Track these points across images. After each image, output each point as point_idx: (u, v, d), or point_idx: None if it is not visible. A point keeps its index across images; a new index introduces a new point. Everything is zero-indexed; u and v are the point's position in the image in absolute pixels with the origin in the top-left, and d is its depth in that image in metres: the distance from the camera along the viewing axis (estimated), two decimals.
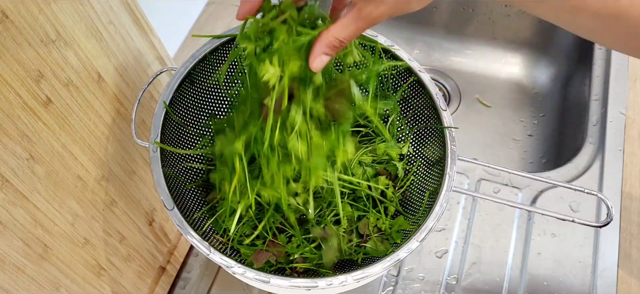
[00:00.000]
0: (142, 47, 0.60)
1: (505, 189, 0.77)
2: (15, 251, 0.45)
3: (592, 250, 0.71)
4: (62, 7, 0.47)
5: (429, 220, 0.51)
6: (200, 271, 0.73)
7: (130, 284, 0.63)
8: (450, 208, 0.76)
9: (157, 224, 0.67)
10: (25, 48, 0.43)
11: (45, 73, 0.46)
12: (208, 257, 0.49)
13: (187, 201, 0.57)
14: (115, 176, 0.58)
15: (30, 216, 0.46)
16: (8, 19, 0.41)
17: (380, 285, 0.70)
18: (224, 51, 0.61)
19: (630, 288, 0.69)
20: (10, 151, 0.43)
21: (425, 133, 0.61)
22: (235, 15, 0.46)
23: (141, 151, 0.63)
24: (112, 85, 0.55)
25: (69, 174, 0.50)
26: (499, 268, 0.71)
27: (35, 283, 0.48)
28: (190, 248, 0.75)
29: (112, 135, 0.56)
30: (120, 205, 0.59)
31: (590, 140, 0.81)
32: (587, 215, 0.74)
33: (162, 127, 0.55)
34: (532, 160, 0.95)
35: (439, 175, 0.55)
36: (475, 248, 0.72)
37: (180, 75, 0.58)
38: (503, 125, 0.99)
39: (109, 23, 0.53)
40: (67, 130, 0.50)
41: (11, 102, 0.43)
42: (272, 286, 0.49)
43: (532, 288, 0.69)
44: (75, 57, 0.49)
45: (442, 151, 0.56)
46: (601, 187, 0.76)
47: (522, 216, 0.75)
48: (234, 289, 0.72)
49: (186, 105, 0.60)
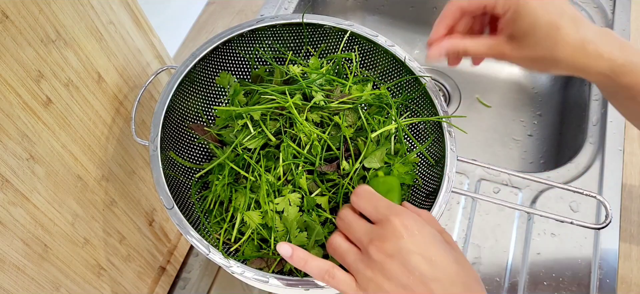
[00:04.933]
0: (142, 47, 0.60)
1: (505, 189, 0.77)
2: (15, 251, 0.45)
3: (592, 250, 0.71)
4: (62, 7, 0.47)
5: None
6: (200, 271, 0.73)
7: (130, 284, 0.63)
8: (450, 208, 0.76)
9: (157, 224, 0.67)
10: (25, 48, 0.43)
11: (45, 73, 0.46)
12: (208, 257, 0.49)
13: (187, 201, 0.57)
14: (115, 176, 0.58)
15: (30, 216, 0.46)
16: (8, 19, 0.41)
17: None
18: (224, 50, 0.61)
19: (630, 288, 0.69)
20: (10, 151, 0.43)
21: (425, 133, 0.61)
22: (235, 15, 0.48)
23: (141, 151, 0.63)
24: (112, 84, 0.55)
25: (69, 174, 0.51)
26: (499, 268, 0.71)
27: (35, 283, 0.48)
28: (190, 248, 0.75)
29: (112, 135, 0.56)
30: (120, 205, 0.59)
31: (591, 140, 0.81)
32: (587, 215, 0.74)
33: (162, 126, 0.55)
34: (532, 160, 0.95)
35: (439, 176, 0.55)
36: (475, 248, 0.72)
37: (181, 74, 0.58)
38: (503, 125, 0.99)
39: (108, 23, 0.53)
40: (67, 130, 0.50)
41: (11, 102, 0.43)
42: (271, 286, 0.49)
43: (532, 288, 0.69)
44: (75, 57, 0.49)
45: (442, 152, 0.56)
46: (601, 187, 0.76)
47: (522, 216, 0.75)
48: (234, 289, 0.72)
49: (186, 104, 0.60)
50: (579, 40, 0.46)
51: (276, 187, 0.55)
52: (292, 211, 0.53)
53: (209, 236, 0.54)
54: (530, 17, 0.46)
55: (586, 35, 0.46)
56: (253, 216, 0.54)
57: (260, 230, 0.54)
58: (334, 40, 0.63)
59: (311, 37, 0.63)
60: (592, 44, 0.46)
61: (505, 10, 0.47)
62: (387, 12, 1.12)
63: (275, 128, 0.56)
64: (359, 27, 0.61)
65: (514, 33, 0.48)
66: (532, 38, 0.47)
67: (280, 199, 0.54)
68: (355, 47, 0.63)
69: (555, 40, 0.46)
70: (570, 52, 0.46)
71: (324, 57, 0.64)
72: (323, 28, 0.62)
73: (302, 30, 0.62)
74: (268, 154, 0.56)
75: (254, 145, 0.55)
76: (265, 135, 0.55)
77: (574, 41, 0.46)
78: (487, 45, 0.50)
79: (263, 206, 0.54)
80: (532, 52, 0.48)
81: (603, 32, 0.47)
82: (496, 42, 0.50)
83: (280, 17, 0.62)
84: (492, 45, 0.50)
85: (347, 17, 1.12)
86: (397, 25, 1.12)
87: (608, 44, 0.47)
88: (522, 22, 0.47)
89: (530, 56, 0.48)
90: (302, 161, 0.55)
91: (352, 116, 0.57)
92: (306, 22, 0.61)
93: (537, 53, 0.48)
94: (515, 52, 0.49)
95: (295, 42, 0.64)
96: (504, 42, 0.49)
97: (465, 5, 0.50)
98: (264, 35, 0.62)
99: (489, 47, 0.50)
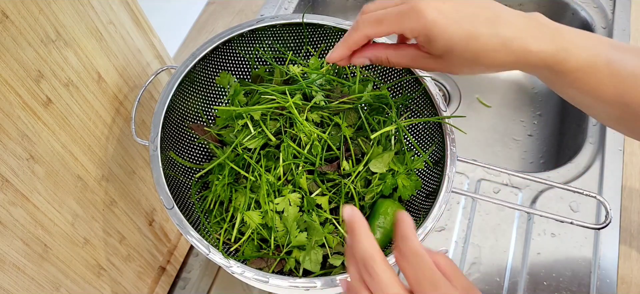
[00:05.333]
0: (142, 47, 0.60)
1: (505, 189, 0.77)
2: (15, 251, 0.45)
3: (592, 250, 0.71)
4: (62, 7, 0.47)
5: (428, 221, 0.51)
6: (200, 271, 0.73)
7: (130, 284, 0.63)
8: (450, 208, 0.76)
9: (157, 224, 0.67)
10: (25, 48, 0.43)
11: (45, 73, 0.46)
12: (208, 257, 0.49)
13: (187, 201, 0.57)
14: (115, 176, 0.58)
15: (30, 216, 0.46)
16: (8, 19, 0.41)
17: None
18: (224, 50, 0.61)
19: (630, 288, 0.69)
20: (10, 152, 0.43)
21: (425, 133, 0.61)
22: (235, 15, 0.47)
23: (141, 151, 0.63)
24: (112, 84, 0.55)
25: (69, 174, 0.51)
26: (499, 268, 0.71)
27: (35, 283, 0.48)
28: (190, 248, 0.75)
29: (112, 135, 0.56)
30: (120, 205, 0.59)
31: (590, 140, 0.81)
32: (587, 215, 0.74)
33: (162, 126, 0.55)
34: (532, 160, 0.95)
35: (439, 176, 0.55)
36: (475, 248, 0.72)
37: (181, 74, 0.58)
38: (503, 125, 0.99)
39: (108, 23, 0.53)
40: (67, 130, 0.50)
41: (11, 102, 0.43)
42: (271, 286, 0.49)
43: (532, 288, 0.69)
44: (75, 57, 0.49)
45: (442, 152, 0.56)
46: (601, 187, 0.76)
47: (522, 216, 0.75)
48: (234, 289, 0.72)
49: (186, 104, 0.60)
50: (500, 42, 0.43)
51: (276, 187, 0.55)
52: (292, 211, 0.53)
53: (209, 236, 0.54)
54: (443, 38, 0.43)
55: (506, 34, 0.43)
56: (253, 216, 0.54)
57: (260, 230, 0.54)
58: (334, 40, 0.63)
59: (311, 37, 0.63)
60: (516, 41, 0.43)
61: (415, 36, 0.44)
62: None
63: (275, 128, 0.56)
64: None
65: (432, 52, 0.45)
66: (451, 54, 0.44)
67: (281, 199, 0.54)
68: None
69: (476, 49, 0.43)
70: (494, 56, 0.43)
71: (324, 57, 0.64)
72: (323, 28, 0.62)
73: (302, 30, 0.62)
74: (268, 154, 0.56)
75: (254, 145, 0.55)
76: (265, 135, 0.55)
77: (496, 44, 0.43)
78: (410, 56, 0.47)
79: (263, 206, 0.54)
80: (456, 65, 0.45)
81: (529, 23, 0.44)
82: (420, 54, 0.47)
83: (280, 17, 0.62)
84: (415, 56, 0.47)
85: (347, 17, 1.12)
86: None
87: (535, 35, 0.43)
88: (437, 44, 0.43)
89: (456, 68, 0.46)
90: (303, 161, 0.55)
91: (352, 116, 0.57)
92: (306, 22, 0.61)
93: (462, 65, 0.45)
94: (439, 66, 0.46)
95: (295, 42, 0.64)
96: (426, 56, 0.46)
97: (371, 34, 0.46)
98: (264, 35, 0.62)
99: (412, 58, 0.47)
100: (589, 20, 0.96)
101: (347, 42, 0.47)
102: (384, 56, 0.48)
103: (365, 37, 0.47)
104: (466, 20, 0.43)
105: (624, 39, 0.92)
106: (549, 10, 1.01)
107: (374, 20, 0.45)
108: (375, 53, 0.49)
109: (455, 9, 0.43)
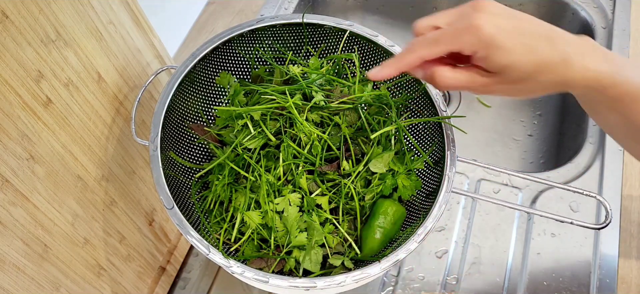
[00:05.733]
0: (142, 47, 0.60)
1: (505, 189, 0.77)
2: (15, 251, 0.45)
3: (592, 250, 0.71)
4: (62, 7, 0.47)
5: (428, 221, 0.51)
6: (200, 271, 0.73)
7: (130, 284, 0.63)
8: (450, 208, 0.76)
9: (157, 224, 0.67)
10: (25, 48, 0.43)
11: (45, 73, 0.46)
12: (208, 257, 0.49)
13: (187, 201, 0.57)
14: (115, 176, 0.58)
15: (30, 216, 0.46)
16: (8, 19, 0.41)
17: (381, 285, 0.70)
18: (224, 50, 0.61)
19: (630, 288, 0.69)
20: (10, 152, 0.43)
21: (425, 133, 0.61)
22: (235, 15, 0.47)
23: (141, 151, 0.63)
24: (112, 84, 0.55)
25: (69, 174, 0.51)
26: (499, 268, 0.71)
27: (35, 283, 0.48)
28: (190, 248, 0.75)
29: (112, 135, 0.56)
30: (120, 205, 0.59)
31: (590, 140, 0.81)
32: (587, 215, 0.74)
33: (162, 126, 0.55)
34: (532, 160, 0.95)
35: (439, 176, 0.55)
36: (475, 248, 0.72)
37: (181, 74, 0.58)
38: (503, 125, 0.99)
39: (108, 23, 0.53)
40: (67, 130, 0.50)
41: (11, 102, 0.43)
42: (271, 286, 0.49)
43: (532, 288, 0.69)
44: (75, 57, 0.49)
45: (442, 152, 0.56)
46: (601, 187, 0.76)
47: (522, 216, 0.75)
48: (234, 289, 0.72)
49: (186, 104, 0.60)
50: (560, 57, 0.43)
51: (276, 187, 0.55)
52: (292, 211, 0.53)
53: (209, 236, 0.54)
54: (503, 51, 0.42)
55: (566, 50, 0.43)
56: (253, 216, 0.54)
57: (260, 230, 0.54)
58: (334, 40, 0.63)
59: (311, 37, 0.63)
60: (576, 57, 0.43)
61: (474, 50, 0.44)
62: (387, 12, 1.12)
63: (275, 128, 0.56)
64: (359, 27, 0.61)
65: (489, 68, 0.44)
66: (510, 68, 0.43)
67: (281, 199, 0.54)
68: (355, 47, 0.63)
69: (536, 63, 0.43)
70: (554, 71, 0.43)
71: (324, 57, 0.64)
72: (323, 28, 0.62)
73: (302, 30, 0.62)
74: (268, 154, 0.56)
75: (254, 145, 0.55)
76: (265, 135, 0.55)
77: (556, 60, 0.43)
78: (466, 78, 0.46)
79: (263, 206, 0.54)
80: (513, 80, 0.45)
81: (584, 43, 0.44)
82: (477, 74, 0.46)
83: (280, 17, 0.62)
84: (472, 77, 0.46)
85: (347, 17, 1.12)
86: (397, 25, 1.12)
87: (591, 55, 0.44)
88: (497, 57, 0.43)
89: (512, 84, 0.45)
90: (302, 161, 0.55)
91: (352, 116, 0.57)
92: (306, 22, 0.61)
93: (519, 80, 0.44)
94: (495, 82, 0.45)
95: (295, 42, 0.64)
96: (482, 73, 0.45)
97: (426, 56, 0.46)
98: (264, 35, 0.62)
99: (469, 80, 0.46)
100: (589, 21, 0.96)
101: (400, 63, 0.47)
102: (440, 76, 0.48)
103: (420, 59, 0.46)
104: (525, 36, 0.43)
105: (624, 39, 0.92)
106: (549, 11, 1.01)
107: (431, 41, 0.45)
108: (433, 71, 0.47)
109: (513, 25, 0.43)
